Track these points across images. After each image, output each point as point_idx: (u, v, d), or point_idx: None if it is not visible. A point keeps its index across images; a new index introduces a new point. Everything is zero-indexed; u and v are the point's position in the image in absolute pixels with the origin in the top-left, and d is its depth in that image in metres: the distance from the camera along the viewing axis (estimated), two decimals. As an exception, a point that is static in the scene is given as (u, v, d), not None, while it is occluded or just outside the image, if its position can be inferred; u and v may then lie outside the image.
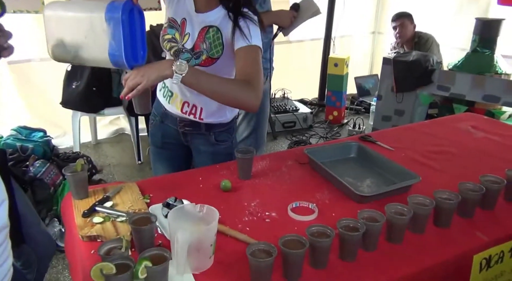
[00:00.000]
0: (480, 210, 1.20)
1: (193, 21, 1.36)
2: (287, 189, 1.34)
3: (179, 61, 1.16)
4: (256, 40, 1.32)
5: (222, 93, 1.24)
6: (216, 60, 1.35)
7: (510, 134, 1.78)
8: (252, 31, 1.31)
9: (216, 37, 1.33)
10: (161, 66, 1.17)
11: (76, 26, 1.18)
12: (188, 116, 1.47)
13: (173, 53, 1.41)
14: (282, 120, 3.93)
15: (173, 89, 1.49)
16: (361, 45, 5.02)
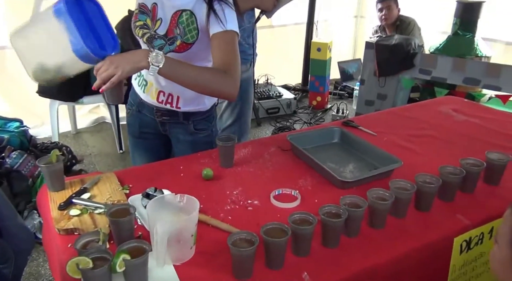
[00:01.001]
0: (460, 193, 1.21)
1: (164, 6, 1.31)
2: (270, 176, 1.32)
3: (155, 52, 1.12)
4: (231, 25, 1.27)
5: (200, 84, 1.22)
6: (192, 45, 1.31)
7: (490, 117, 1.80)
8: (227, 15, 1.26)
9: (190, 21, 1.28)
10: (136, 57, 1.13)
11: (38, 43, 1.18)
12: (165, 105, 1.43)
13: (146, 40, 1.36)
14: (266, 106, 3.91)
15: (148, 78, 1.44)
16: (344, 29, 4.99)
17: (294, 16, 4.39)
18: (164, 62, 1.13)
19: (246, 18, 1.93)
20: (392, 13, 3.79)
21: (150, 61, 1.11)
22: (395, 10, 3.80)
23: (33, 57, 1.20)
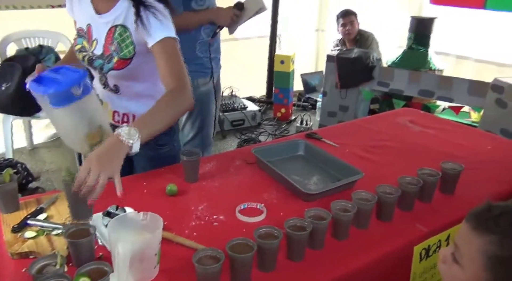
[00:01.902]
0: (419, 203, 1.26)
1: (97, 25, 1.29)
2: (235, 190, 1.32)
3: (123, 130, 1.01)
4: (166, 32, 1.22)
5: (169, 122, 1.18)
6: (130, 61, 1.28)
7: (443, 128, 1.89)
8: (160, 22, 1.21)
9: (125, 36, 1.26)
10: (115, 152, 0.99)
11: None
12: (122, 124, 1.40)
13: (86, 62, 1.34)
14: (231, 118, 3.91)
15: (103, 98, 1.43)
16: (305, 43, 5.11)
17: (257, 29, 4.45)
18: (137, 132, 1.02)
19: (204, 32, 1.94)
20: (354, 28, 3.93)
21: (127, 144, 1.00)
22: (356, 24, 3.95)
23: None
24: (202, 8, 1.90)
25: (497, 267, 0.71)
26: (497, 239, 0.71)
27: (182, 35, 1.89)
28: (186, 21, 1.86)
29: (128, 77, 1.34)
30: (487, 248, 0.71)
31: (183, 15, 1.85)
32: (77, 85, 1.10)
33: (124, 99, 1.39)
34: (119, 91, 1.38)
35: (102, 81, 1.39)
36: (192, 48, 1.93)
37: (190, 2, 1.86)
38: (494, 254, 0.71)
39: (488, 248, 0.71)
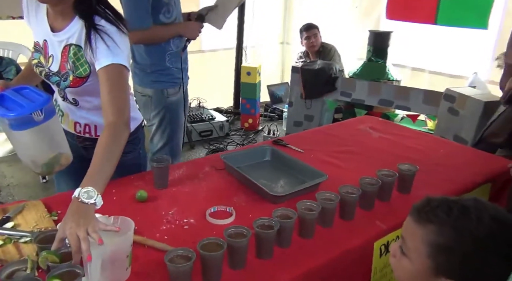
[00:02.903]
0: (378, 202, 1.34)
1: (52, 42, 1.29)
2: (205, 195, 1.35)
3: (81, 194, 0.97)
4: (111, 58, 1.18)
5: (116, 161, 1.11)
6: (86, 79, 1.28)
7: (401, 134, 2.01)
8: (108, 48, 1.18)
9: (80, 55, 1.25)
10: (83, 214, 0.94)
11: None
12: (84, 135, 1.42)
13: (44, 77, 1.34)
14: (199, 129, 3.93)
15: (64, 109, 1.44)
16: (271, 55, 5.24)
17: (223, 41, 4.53)
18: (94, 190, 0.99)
19: (173, 43, 1.99)
20: (317, 41, 4.08)
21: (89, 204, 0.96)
22: (319, 38, 4.10)
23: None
24: (170, 20, 1.95)
25: (437, 254, 0.77)
26: (436, 228, 0.77)
27: (152, 46, 1.95)
28: (156, 34, 1.91)
29: (86, 93, 1.34)
30: (428, 237, 0.78)
31: (153, 28, 1.89)
32: (39, 110, 1.11)
33: (84, 111, 1.40)
34: (78, 104, 1.39)
35: (61, 94, 1.39)
36: (162, 59, 1.97)
37: (158, 16, 1.90)
38: (434, 242, 0.77)
39: (429, 237, 0.78)
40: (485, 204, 0.78)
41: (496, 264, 0.74)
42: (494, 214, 0.76)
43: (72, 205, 0.97)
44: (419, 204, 0.83)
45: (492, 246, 0.74)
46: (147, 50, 1.96)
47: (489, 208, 0.77)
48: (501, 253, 0.74)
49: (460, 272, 0.76)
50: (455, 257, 0.75)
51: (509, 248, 0.74)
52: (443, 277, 0.77)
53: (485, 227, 0.74)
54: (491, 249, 0.74)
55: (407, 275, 0.84)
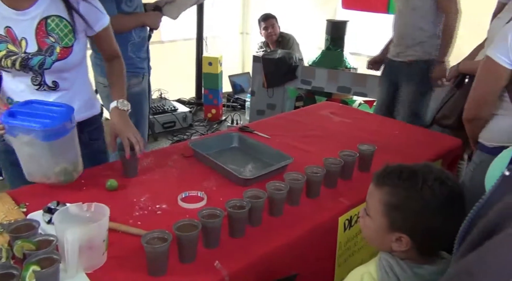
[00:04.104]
0: (341, 181, 1.42)
1: (19, 23, 1.26)
2: (175, 181, 1.38)
3: (120, 104, 1.42)
4: (105, 16, 1.41)
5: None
6: (72, 48, 1.33)
7: (359, 117, 2.12)
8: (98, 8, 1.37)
9: (62, 26, 1.30)
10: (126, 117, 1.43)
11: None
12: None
13: (19, 65, 1.29)
14: (162, 121, 3.90)
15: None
16: (231, 45, 5.25)
17: (183, 32, 4.48)
18: (125, 100, 1.45)
19: (135, 33, 1.98)
20: (275, 31, 4.15)
21: (126, 110, 1.44)
22: (277, 28, 4.17)
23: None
24: (132, 9, 1.93)
25: (390, 212, 0.88)
26: (389, 189, 0.89)
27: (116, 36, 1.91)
28: (120, 23, 1.89)
29: (70, 68, 1.36)
30: (383, 197, 0.89)
31: (116, 17, 1.87)
32: (69, 120, 1.21)
33: (61, 96, 1.39)
34: (58, 87, 1.37)
35: (36, 81, 1.35)
36: (125, 49, 1.95)
37: (120, 5, 1.88)
38: (388, 202, 0.89)
39: (384, 198, 0.89)
40: (432, 168, 0.89)
41: (441, 221, 0.85)
42: (439, 176, 0.86)
43: (114, 113, 1.41)
44: (379, 170, 0.94)
45: (436, 204, 0.85)
46: None
47: (435, 171, 0.88)
48: (444, 211, 0.85)
49: (410, 227, 0.86)
50: (405, 214, 0.87)
51: (451, 206, 0.85)
52: (396, 232, 0.88)
53: (429, 187, 0.85)
54: (435, 206, 0.85)
55: (370, 232, 0.95)
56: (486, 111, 1.44)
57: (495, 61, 1.32)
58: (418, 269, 0.88)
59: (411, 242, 0.87)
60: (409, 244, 0.87)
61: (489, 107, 1.43)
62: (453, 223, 0.82)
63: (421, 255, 0.89)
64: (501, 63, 1.31)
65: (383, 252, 0.93)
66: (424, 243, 0.87)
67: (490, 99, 1.41)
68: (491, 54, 1.34)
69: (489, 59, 1.34)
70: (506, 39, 1.28)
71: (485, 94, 1.41)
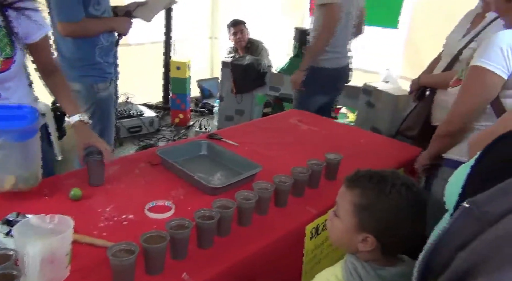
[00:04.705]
0: (308, 189, 1.45)
1: None
2: (142, 190, 1.36)
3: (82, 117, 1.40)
4: (46, 25, 1.36)
5: None
6: (13, 59, 1.28)
7: (326, 125, 2.17)
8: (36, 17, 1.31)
9: (1, 35, 1.25)
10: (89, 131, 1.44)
11: None
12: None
13: None
14: (127, 125, 3.81)
15: None
16: (200, 49, 5.22)
17: (150, 35, 4.41)
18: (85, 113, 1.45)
19: (103, 37, 1.93)
20: (244, 36, 4.17)
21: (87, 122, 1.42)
22: (246, 34, 4.19)
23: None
24: (99, 12, 1.89)
25: (360, 212, 0.93)
26: (360, 191, 0.94)
27: (81, 40, 1.88)
28: (88, 27, 1.85)
29: (12, 77, 1.32)
30: (354, 199, 0.94)
31: (85, 21, 1.83)
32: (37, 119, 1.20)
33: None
34: (0, 97, 1.32)
35: None
36: (92, 53, 1.91)
37: (88, 8, 1.84)
38: (358, 203, 0.94)
39: (354, 199, 0.94)
40: (399, 175, 0.96)
41: (406, 223, 0.91)
42: (406, 182, 0.93)
43: (79, 127, 1.39)
44: (350, 174, 1.00)
45: (402, 207, 0.91)
46: (75, 43, 1.88)
47: (402, 178, 0.95)
48: (409, 214, 0.91)
49: (377, 228, 0.92)
50: (373, 214, 0.92)
51: (415, 210, 0.92)
52: (364, 232, 0.93)
53: (397, 191, 0.91)
54: (401, 209, 0.91)
55: (338, 232, 0.99)
56: (472, 124, 1.39)
57: (490, 71, 1.26)
58: (381, 271, 0.93)
59: (376, 243, 0.92)
60: (374, 244, 0.92)
61: (476, 119, 1.38)
62: (416, 227, 0.90)
63: (384, 257, 0.94)
64: (497, 72, 1.26)
65: (349, 255, 0.97)
66: (388, 243, 0.93)
67: (480, 110, 1.35)
68: (483, 63, 1.27)
69: (481, 69, 1.28)
70: (498, 48, 1.24)
71: (476, 105, 1.35)
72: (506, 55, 1.24)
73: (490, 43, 1.28)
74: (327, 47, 2.56)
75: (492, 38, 1.28)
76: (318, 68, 2.63)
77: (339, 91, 2.88)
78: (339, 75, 2.73)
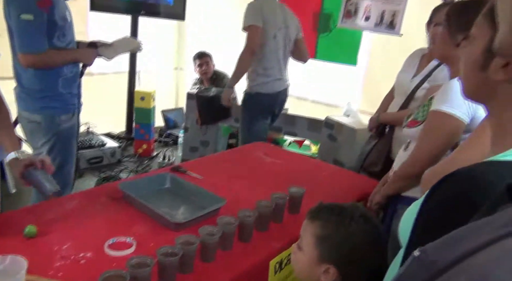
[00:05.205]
0: (272, 224, 1.45)
1: None
2: (102, 226, 1.31)
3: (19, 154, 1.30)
4: None
5: None
6: None
7: (290, 158, 2.21)
8: None
9: None
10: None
11: None
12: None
13: None
14: (88, 156, 3.70)
15: None
16: (165, 80, 5.24)
17: (114, 64, 4.38)
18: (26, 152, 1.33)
19: (67, 68, 1.91)
20: (210, 68, 4.23)
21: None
22: (212, 66, 4.26)
23: None
24: (64, 44, 1.87)
25: (321, 243, 0.97)
26: (321, 223, 0.98)
27: (44, 71, 1.84)
28: (52, 59, 1.82)
29: None
30: (315, 231, 0.98)
31: (49, 53, 1.80)
32: None
33: None
34: None
35: None
36: (55, 84, 1.88)
37: (52, 39, 1.82)
38: (319, 235, 0.97)
39: (316, 231, 0.98)
40: (359, 207, 1.01)
41: (364, 253, 0.95)
42: (364, 214, 0.99)
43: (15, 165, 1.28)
44: (313, 207, 1.04)
45: (360, 237, 0.95)
46: (37, 74, 1.84)
47: (361, 210, 1.00)
48: (367, 244, 0.95)
49: (337, 258, 0.95)
50: (333, 245, 0.96)
51: (373, 241, 0.96)
52: (325, 263, 0.95)
53: (356, 222, 0.96)
54: (360, 240, 0.95)
55: (302, 265, 1.01)
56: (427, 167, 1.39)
57: (454, 116, 1.30)
58: None
59: (338, 274, 0.94)
60: (335, 275, 0.94)
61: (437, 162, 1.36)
62: (376, 258, 0.94)
63: None
64: (461, 117, 1.30)
65: None
66: (349, 274, 0.95)
67: (442, 154, 1.37)
68: (447, 109, 1.31)
69: (445, 115, 1.32)
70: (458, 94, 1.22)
71: (438, 150, 1.37)
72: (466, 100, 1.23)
73: (451, 90, 1.31)
74: (260, 72, 2.76)
75: (452, 85, 1.32)
76: (254, 94, 2.82)
77: (276, 116, 3.06)
78: (274, 99, 2.89)
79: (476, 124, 1.29)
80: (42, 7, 1.74)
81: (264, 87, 2.80)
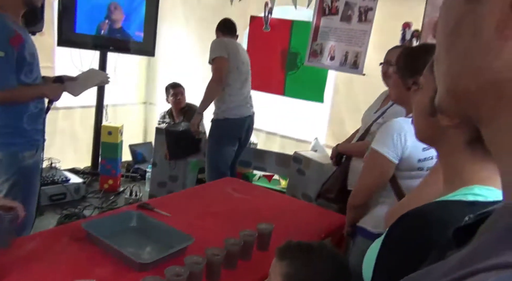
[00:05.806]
0: (241, 262, 1.44)
1: None
2: (64, 268, 1.26)
3: None
4: None
5: None
6: None
7: (259, 194, 2.23)
8: None
9: None
10: None
11: None
12: None
13: None
14: (50, 193, 3.55)
15: None
16: (134, 114, 5.20)
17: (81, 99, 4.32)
18: None
19: (32, 104, 1.88)
20: (184, 98, 4.24)
21: None
22: (185, 97, 4.28)
23: None
24: (31, 80, 1.85)
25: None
26: (289, 262, 1.00)
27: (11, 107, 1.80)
28: (19, 95, 1.80)
29: None
30: (283, 269, 0.99)
31: (16, 89, 1.79)
32: None
33: None
34: None
35: None
36: (19, 120, 1.84)
37: (19, 76, 1.80)
38: (287, 273, 0.98)
39: (283, 270, 0.99)
40: (327, 246, 1.05)
41: None
42: (331, 252, 1.02)
43: None
44: (281, 246, 1.05)
45: (327, 276, 0.98)
46: (2, 110, 1.80)
47: (329, 248, 1.03)
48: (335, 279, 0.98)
49: None
50: None
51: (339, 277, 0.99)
52: None
53: (323, 261, 0.98)
54: (326, 276, 0.98)
55: None
56: (374, 198, 1.52)
57: (383, 155, 1.39)
58: None
59: None
60: None
61: (378, 194, 1.51)
62: None
63: None
64: (389, 157, 1.39)
65: None
66: None
67: (379, 187, 1.48)
68: (378, 148, 1.41)
69: (377, 153, 1.41)
70: (390, 136, 1.39)
71: (374, 183, 1.49)
72: (395, 142, 1.38)
73: (385, 131, 1.44)
74: (226, 98, 2.99)
75: (387, 126, 1.45)
76: (222, 119, 3.03)
77: (243, 144, 3.23)
78: (241, 125, 3.09)
79: (409, 164, 1.41)
80: (14, 45, 1.73)
81: (231, 112, 3.01)
